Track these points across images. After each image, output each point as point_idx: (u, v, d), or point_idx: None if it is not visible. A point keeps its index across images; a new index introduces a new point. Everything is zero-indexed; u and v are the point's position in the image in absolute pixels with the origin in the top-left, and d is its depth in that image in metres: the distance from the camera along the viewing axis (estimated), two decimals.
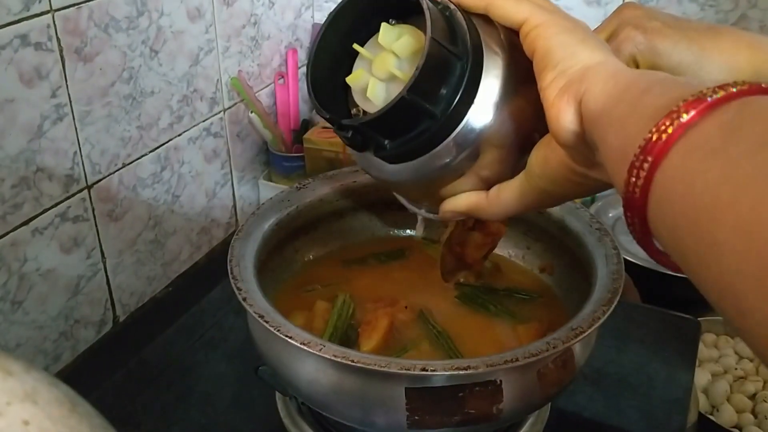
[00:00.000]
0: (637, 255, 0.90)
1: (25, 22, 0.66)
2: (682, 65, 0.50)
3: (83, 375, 0.78)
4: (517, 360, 0.47)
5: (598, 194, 1.08)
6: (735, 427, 0.80)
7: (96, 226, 0.79)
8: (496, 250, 0.71)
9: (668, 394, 0.71)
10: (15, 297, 0.71)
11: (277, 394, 0.67)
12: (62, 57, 0.71)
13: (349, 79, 0.46)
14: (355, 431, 0.61)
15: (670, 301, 0.83)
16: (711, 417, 0.80)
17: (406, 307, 0.62)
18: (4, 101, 0.66)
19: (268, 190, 1.06)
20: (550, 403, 0.66)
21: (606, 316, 0.51)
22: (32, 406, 0.25)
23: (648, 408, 0.69)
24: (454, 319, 0.63)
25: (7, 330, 0.71)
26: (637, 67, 0.51)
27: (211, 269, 0.95)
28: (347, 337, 0.60)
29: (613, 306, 0.52)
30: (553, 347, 0.49)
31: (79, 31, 0.72)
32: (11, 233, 0.69)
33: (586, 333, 0.50)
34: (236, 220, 1.05)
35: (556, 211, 0.65)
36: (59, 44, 0.70)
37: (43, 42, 0.68)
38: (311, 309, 0.63)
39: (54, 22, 0.69)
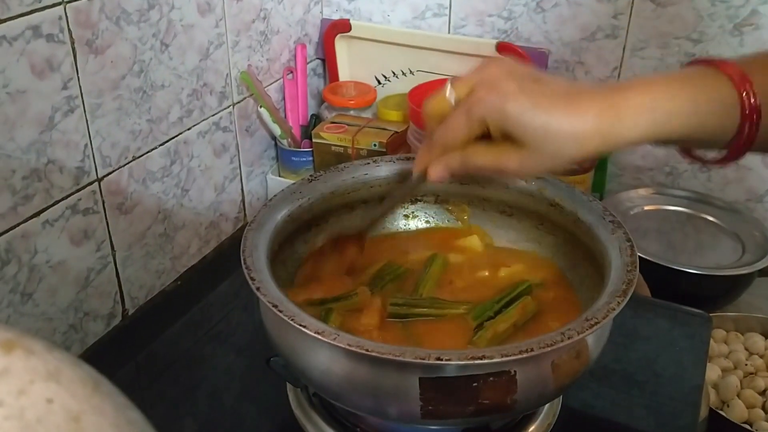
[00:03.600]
0: (647, 250, 0.90)
1: (37, 13, 0.66)
2: (528, 131, 0.51)
3: (92, 368, 0.78)
4: (531, 350, 0.47)
5: (606, 189, 1.08)
6: (746, 422, 0.80)
7: (106, 218, 0.79)
8: (507, 244, 0.71)
9: (679, 390, 0.71)
10: (25, 289, 0.71)
11: (288, 386, 0.66)
12: (74, 49, 0.71)
13: None
14: (367, 422, 0.61)
15: (680, 297, 0.83)
16: (721, 412, 0.79)
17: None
18: (15, 92, 0.66)
19: (277, 184, 1.06)
20: (561, 396, 0.66)
21: (621, 307, 0.51)
22: (55, 384, 0.25)
23: (657, 405, 0.69)
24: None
25: (16, 322, 0.71)
26: (488, 128, 0.53)
27: (219, 263, 0.96)
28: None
29: (628, 297, 0.52)
30: (568, 338, 0.48)
31: (91, 24, 0.72)
32: (22, 225, 0.69)
33: (601, 323, 0.50)
34: (245, 214, 1.05)
35: (568, 203, 0.65)
36: (71, 36, 0.70)
37: (55, 34, 0.68)
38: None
39: (66, 13, 0.69)
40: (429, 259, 0.69)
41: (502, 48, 1.02)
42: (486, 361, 0.47)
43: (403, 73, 1.13)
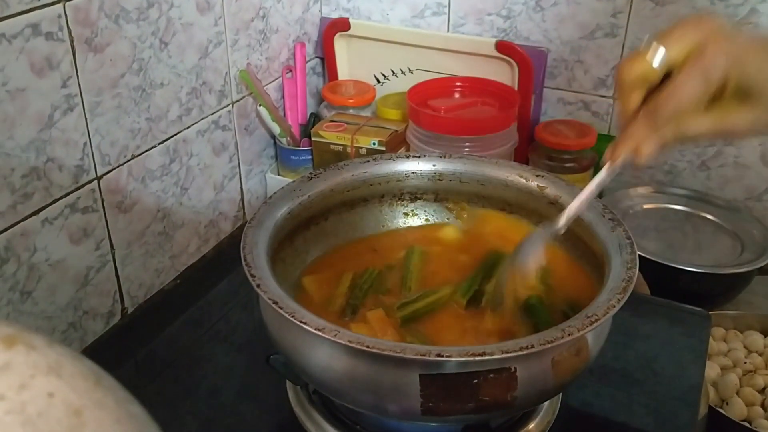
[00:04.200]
0: (646, 249, 0.90)
1: (36, 11, 0.66)
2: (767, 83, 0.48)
3: None
4: (532, 347, 0.47)
5: (607, 188, 1.08)
6: (745, 420, 0.80)
7: (105, 217, 0.79)
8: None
9: (678, 388, 0.71)
10: (24, 287, 0.71)
11: (288, 384, 0.66)
12: (73, 47, 0.70)
13: None
14: (368, 419, 0.61)
15: (680, 295, 0.83)
16: (721, 410, 0.80)
17: None
18: (15, 90, 0.66)
19: (276, 183, 1.06)
20: (561, 394, 0.66)
21: (621, 304, 0.51)
22: (57, 379, 0.25)
23: (657, 403, 0.69)
24: None
25: (16, 320, 0.71)
26: (725, 85, 0.49)
27: (218, 262, 0.95)
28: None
29: (628, 294, 0.52)
30: (569, 334, 0.48)
31: (90, 22, 0.72)
32: (21, 223, 0.69)
33: (601, 320, 0.50)
34: (244, 213, 1.05)
35: (568, 201, 0.65)
36: (70, 34, 0.70)
37: (54, 32, 0.68)
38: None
39: (65, 11, 0.69)
40: (407, 254, 0.69)
41: (502, 47, 1.02)
42: (486, 357, 0.47)
43: (402, 72, 1.13)
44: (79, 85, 0.72)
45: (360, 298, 0.64)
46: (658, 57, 0.48)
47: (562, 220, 0.58)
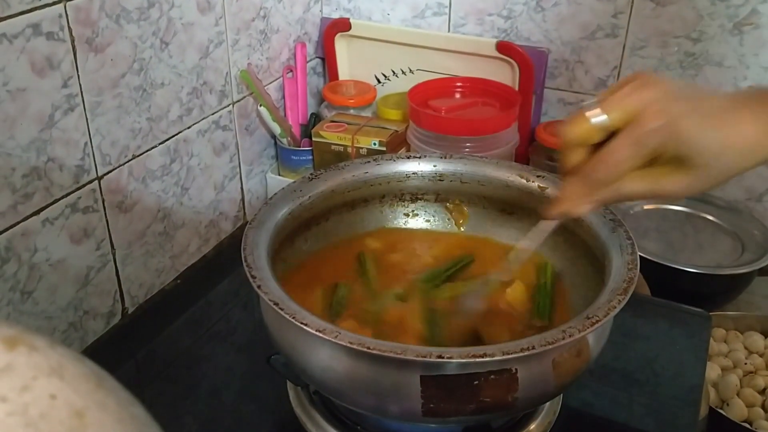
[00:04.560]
0: (647, 249, 0.90)
1: (37, 11, 0.66)
2: (703, 150, 0.48)
3: None
4: (533, 348, 0.47)
5: None
6: (745, 421, 0.80)
7: (106, 217, 0.79)
8: (509, 241, 0.71)
9: (678, 389, 0.71)
10: (25, 287, 0.71)
11: (288, 385, 0.66)
12: (74, 47, 0.70)
13: None
14: (368, 420, 0.61)
15: (680, 296, 0.83)
16: (721, 411, 0.80)
17: None
18: (16, 90, 0.66)
19: (277, 183, 1.06)
20: (562, 395, 0.66)
21: (622, 305, 0.51)
22: (59, 380, 0.25)
23: (657, 404, 0.69)
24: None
25: (16, 320, 0.71)
26: (662, 152, 0.49)
27: (219, 262, 0.96)
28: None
29: (629, 295, 0.52)
30: (569, 335, 0.48)
31: (91, 22, 0.72)
32: (22, 223, 0.69)
33: (602, 321, 0.50)
34: (244, 213, 1.05)
35: None
36: (71, 34, 0.70)
37: (55, 32, 0.68)
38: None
39: (66, 11, 0.69)
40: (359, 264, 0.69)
41: (502, 47, 1.02)
42: (487, 359, 0.47)
43: (403, 72, 1.13)
44: (80, 84, 0.72)
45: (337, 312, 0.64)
46: (598, 121, 0.49)
47: (506, 271, 0.63)
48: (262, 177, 1.08)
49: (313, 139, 1.02)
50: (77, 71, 0.71)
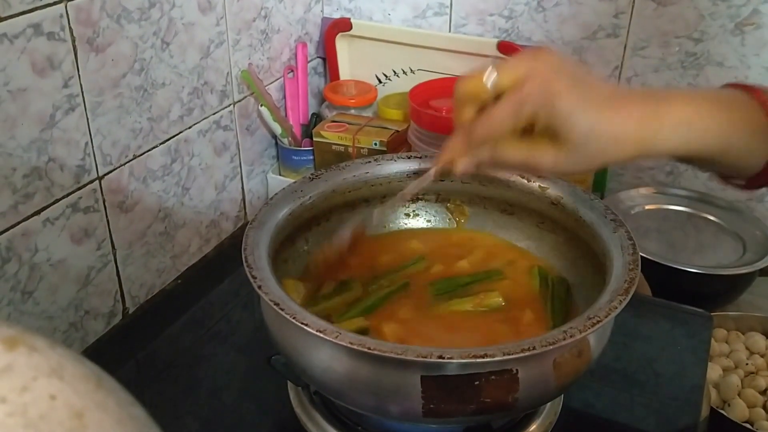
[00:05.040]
0: (648, 249, 0.90)
1: (38, 11, 0.66)
2: (574, 130, 0.50)
3: None
4: (534, 348, 0.47)
5: (607, 188, 1.08)
6: (746, 422, 0.80)
7: (106, 217, 0.79)
8: (509, 241, 0.71)
9: (680, 389, 0.71)
10: (25, 287, 0.71)
11: (289, 385, 0.66)
12: (75, 47, 0.70)
13: None
14: (369, 420, 0.61)
15: (681, 296, 0.83)
16: (722, 412, 0.79)
17: None
18: (16, 90, 0.66)
19: (278, 183, 1.06)
20: (562, 396, 0.66)
21: (623, 305, 0.51)
22: (58, 381, 0.25)
23: (658, 404, 0.69)
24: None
25: (17, 320, 0.71)
26: (533, 125, 0.52)
27: (220, 262, 0.95)
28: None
29: (630, 295, 0.52)
30: (570, 336, 0.48)
31: (92, 22, 0.72)
32: (23, 223, 0.69)
33: (603, 322, 0.50)
34: (245, 213, 1.05)
35: (569, 202, 0.65)
36: (72, 34, 0.70)
37: (56, 32, 0.68)
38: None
39: (67, 11, 0.69)
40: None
41: (503, 47, 1.02)
42: (488, 359, 0.47)
43: (404, 72, 1.13)
44: (81, 85, 0.72)
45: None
46: (489, 79, 0.52)
47: (377, 212, 0.66)
48: (263, 177, 1.08)
49: (314, 139, 1.02)
50: (78, 71, 0.71)
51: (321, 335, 0.48)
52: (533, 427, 0.63)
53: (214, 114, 0.93)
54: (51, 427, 0.23)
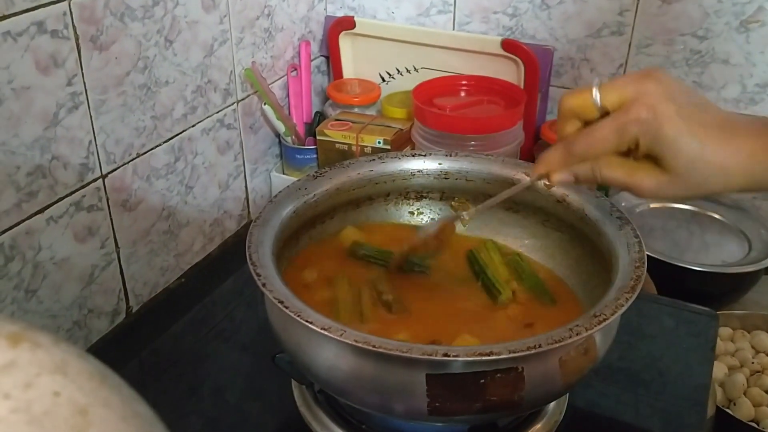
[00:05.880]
0: (653, 248, 0.90)
1: (41, 9, 0.66)
2: (679, 157, 0.49)
3: None
4: (540, 346, 0.47)
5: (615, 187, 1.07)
6: (752, 420, 0.80)
7: (110, 215, 0.79)
8: (514, 240, 0.71)
9: (685, 388, 0.71)
10: (29, 285, 0.71)
11: (293, 384, 0.66)
12: (78, 45, 0.70)
13: None
14: (373, 419, 0.61)
15: (687, 294, 0.83)
16: (728, 411, 0.79)
17: None
18: (20, 88, 0.65)
19: (281, 182, 1.06)
20: (568, 395, 0.66)
21: (629, 303, 0.51)
22: (62, 377, 0.25)
23: (664, 403, 0.69)
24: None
25: (20, 318, 0.70)
26: (637, 147, 0.50)
27: (223, 261, 0.95)
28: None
29: (636, 293, 0.52)
30: (576, 334, 0.48)
31: (95, 20, 0.71)
32: (26, 221, 0.69)
33: (609, 320, 0.49)
34: (249, 212, 1.04)
35: (575, 200, 0.65)
36: (75, 32, 0.70)
37: (60, 30, 0.68)
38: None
39: (70, 9, 0.69)
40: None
41: (507, 45, 1.02)
42: (494, 357, 0.46)
43: (408, 71, 1.13)
44: (84, 83, 0.72)
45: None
46: (597, 96, 0.51)
47: (470, 212, 0.64)
48: (267, 176, 1.07)
49: (318, 137, 1.02)
50: (81, 69, 0.71)
51: (325, 333, 0.48)
52: (539, 425, 0.63)
53: (217, 112, 0.93)
54: (55, 423, 0.23)
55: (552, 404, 0.64)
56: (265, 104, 1.01)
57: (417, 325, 0.60)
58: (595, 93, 0.51)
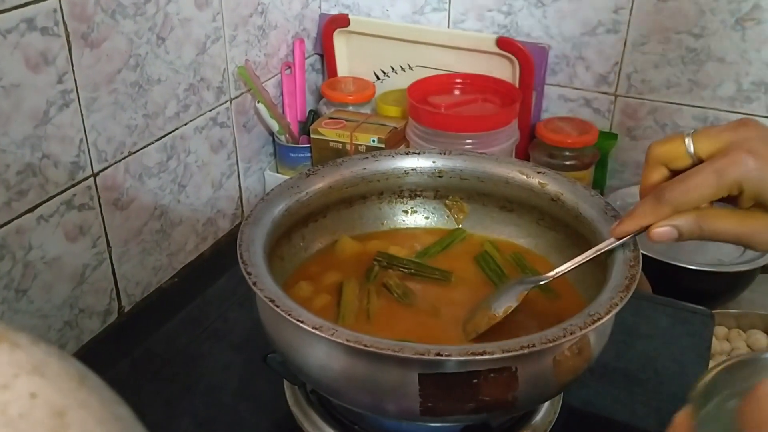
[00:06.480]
0: (648, 246, 0.89)
1: (31, 5, 0.65)
2: None
3: (87, 365, 0.77)
4: (533, 346, 0.46)
5: (607, 185, 1.07)
6: None
7: (101, 214, 0.78)
8: (509, 238, 0.71)
9: (680, 387, 0.70)
10: (19, 285, 0.70)
11: (285, 384, 0.66)
12: (69, 42, 0.70)
13: None
14: (366, 419, 0.60)
15: (682, 293, 0.82)
16: None
17: None
18: (10, 86, 0.65)
19: (275, 181, 1.05)
20: (562, 394, 0.65)
21: (624, 302, 0.50)
22: (40, 378, 0.24)
23: (659, 403, 0.68)
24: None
25: (11, 319, 0.70)
26: (740, 192, 0.49)
27: (216, 260, 0.95)
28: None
29: (631, 292, 0.51)
30: (570, 333, 0.48)
31: (86, 17, 0.71)
32: (16, 220, 0.68)
33: (604, 319, 0.49)
34: (242, 211, 1.04)
35: (570, 199, 0.64)
36: (66, 29, 0.69)
37: (50, 27, 0.67)
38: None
39: (61, 6, 0.68)
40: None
41: (502, 43, 1.01)
42: (487, 356, 0.46)
43: (402, 69, 1.12)
44: (75, 80, 0.71)
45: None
46: (688, 144, 0.50)
47: (549, 275, 0.59)
48: (260, 174, 1.07)
49: (312, 136, 1.02)
50: (72, 67, 0.71)
51: (317, 332, 0.47)
52: (532, 425, 0.62)
53: (210, 111, 0.92)
54: (31, 426, 0.22)
55: (546, 404, 0.64)
56: (258, 102, 1.00)
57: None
58: (688, 141, 0.50)
